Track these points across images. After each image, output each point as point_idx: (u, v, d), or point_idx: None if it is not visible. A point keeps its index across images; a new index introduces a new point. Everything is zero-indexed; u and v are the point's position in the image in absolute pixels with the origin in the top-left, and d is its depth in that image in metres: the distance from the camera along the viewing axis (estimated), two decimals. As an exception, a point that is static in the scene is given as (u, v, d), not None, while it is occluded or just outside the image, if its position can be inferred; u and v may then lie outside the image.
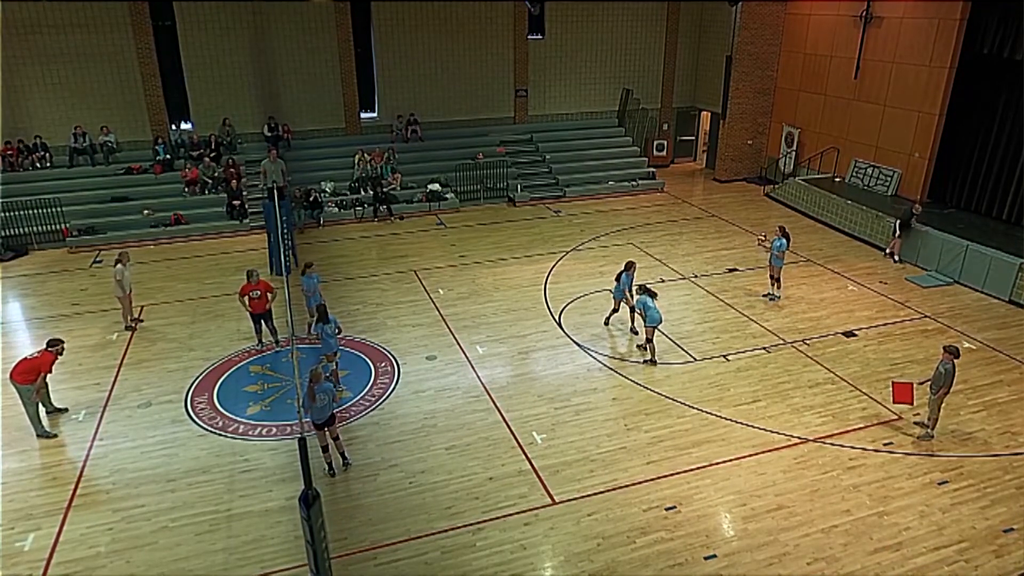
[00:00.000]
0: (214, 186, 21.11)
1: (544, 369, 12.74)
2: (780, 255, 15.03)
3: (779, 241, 15.03)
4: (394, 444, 10.63)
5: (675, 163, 28.04)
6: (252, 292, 12.87)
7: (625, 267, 13.56)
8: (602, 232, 19.94)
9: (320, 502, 6.78)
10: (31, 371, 10.66)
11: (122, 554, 8.56)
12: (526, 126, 25.61)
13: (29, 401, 10.71)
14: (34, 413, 10.78)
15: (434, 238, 19.79)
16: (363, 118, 24.16)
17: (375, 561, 8.44)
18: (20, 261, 18.43)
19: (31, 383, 10.63)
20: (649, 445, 10.52)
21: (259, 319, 13.16)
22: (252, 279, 12.93)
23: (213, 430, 11.01)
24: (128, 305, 14.21)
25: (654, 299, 12.60)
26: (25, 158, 20.66)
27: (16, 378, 10.67)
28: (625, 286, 13.47)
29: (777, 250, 15.00)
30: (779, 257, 15.05)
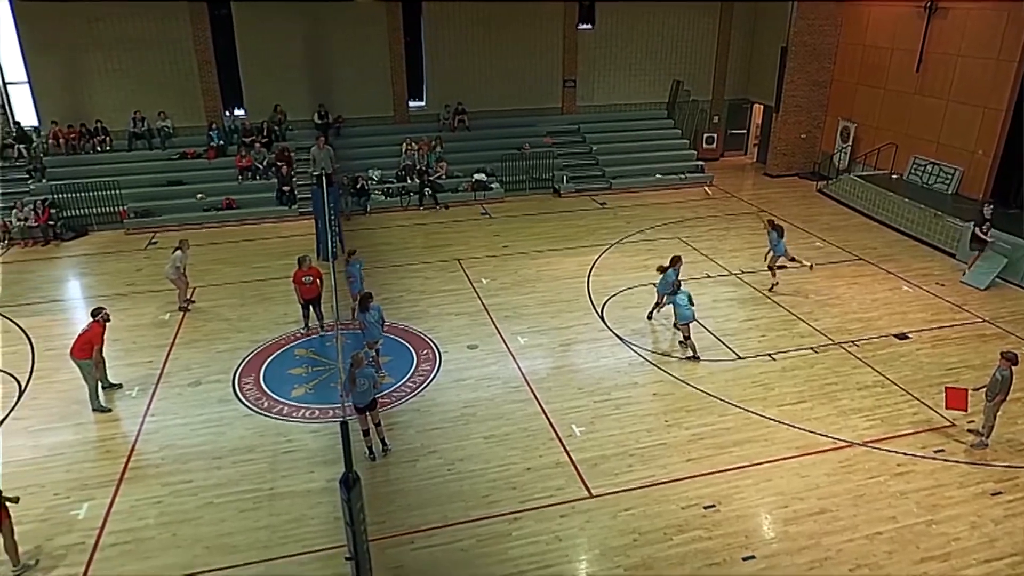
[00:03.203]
0: (264, 172, 21.56)
1: (585, 362, 12.70)
2: (777, 247, 15.19)
3: (771, 234, 15.17)
4: (434, 431, 10.74)
5: (725, 157, 27.53)
6: (304, 278, 13.12)
7: (671, 262, 13.39)
8: (647, 225, 19.73)
9: (360, 485, 6.89)
10: (85, 345, 11.08)
11: (169, 527, 8.86)
12: (574, 117, 25.45)
13: (89, 375, 11.14)
14: (93, 387, 11.21)
15: (478, 228, 19.85)
16: (411, 107, 24.35)
17: (412, 546, 8.56)
18: (80, 241, 19.14)
19: (88, 358, 11.05)
20: (689, 442, 10.41)
21: (308, 304, 13.40)
22: (304, 265, 13.17)
23: (258, 410, 11.29)
24: (183, 287, 14.64)
25: (686, 297, 12.57)
26: (87, 141, 21.42)
27: (75, 354, 11.10)
28: (671, 281, 13.29)
29: (772, 243, 15.17)
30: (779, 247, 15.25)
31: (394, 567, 8.21)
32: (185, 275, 14.60)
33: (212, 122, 22.16)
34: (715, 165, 25.74)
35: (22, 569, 8.16)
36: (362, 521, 7.03)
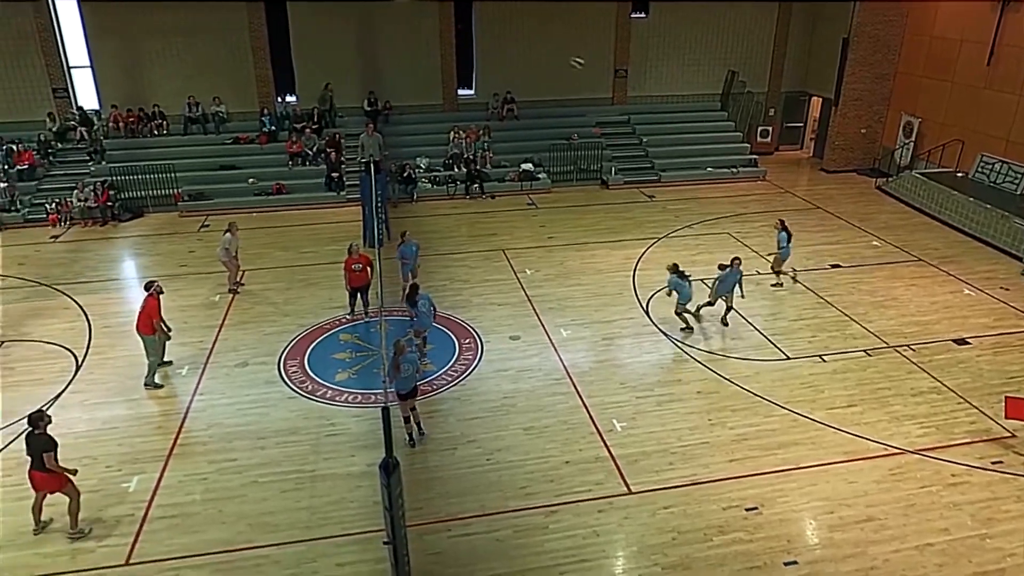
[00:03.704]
0: (314, 158, 21.93)
1: (628, 356, 12.62)
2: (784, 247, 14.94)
3: (780, 234, 14.88)
4: (473, 420, 10.82)
5: (780, 151, 26.92)
6: (354, 265, 13.31)
7: (731, 262, 13.15)
8: (697, 220, 19.45)
9: (399, 471, 7.00)
10: (148, 320, 11.51)
11: (214, 503, 9.14)
12: (624, 107, 25.20)
13: (152, 351, 11.64)
14: (154, 364, 11.70)
15: (524, 218, 19.86)
16: (460, 95, 24.43)
17: (448, 533, 8.67)
18: (136, 222, 19.81)
19: (152, 333, 11.53)
20: (733, 442, 10.26)
21: (356, 292, 13.59)
22: (354, 252, 13.36)
23: (303, 393, 11.54)
24: (233, 270, 15.03)
25: (685, 279, 13.02)
26: (145, 125, 22.11)
27: (140, 329, 11.61)
28: (734, 280, 13.07)
29: (780, 243, 14.92)
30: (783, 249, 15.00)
31: (431, 553, 8.33)
32: (236, 258, 14.98)
33: (264, 108, 22.62)
34: (769, 159, 25.19)
35: (78, 534, 8.54)
36: (401, 506, 7.14)
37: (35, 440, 8.34)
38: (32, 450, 8.36)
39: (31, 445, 8.36)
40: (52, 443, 8.36)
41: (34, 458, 8.38)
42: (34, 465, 8.41)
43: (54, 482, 8.46)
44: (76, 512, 8.60)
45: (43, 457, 8.28)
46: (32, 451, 8.37)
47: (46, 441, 8.33)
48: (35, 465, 8.40)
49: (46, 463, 8.29)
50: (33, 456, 8.38)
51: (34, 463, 8.40)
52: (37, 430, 8.36)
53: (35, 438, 8.35)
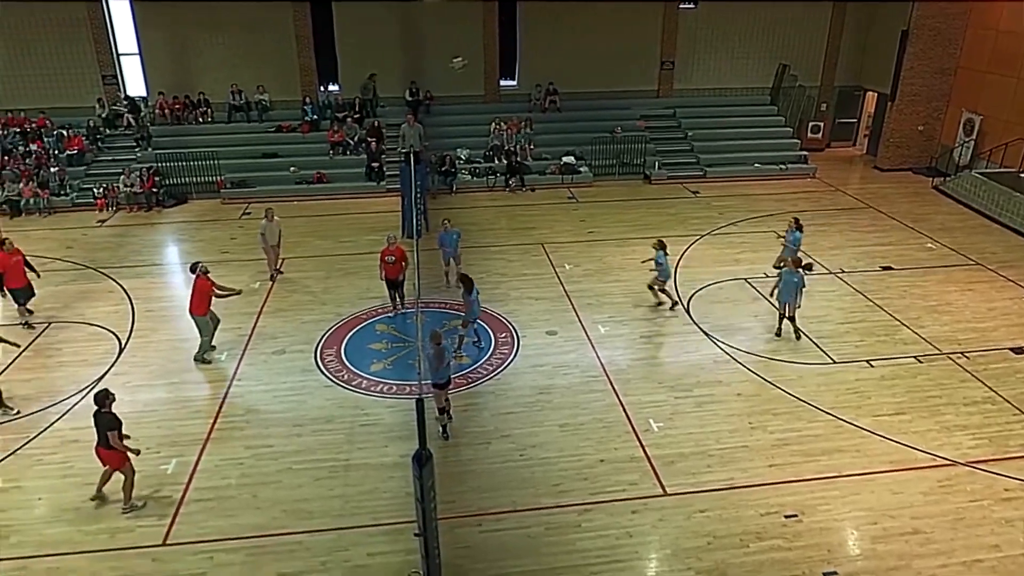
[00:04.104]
0: (355, 147, 22.18)
1: (667, 355, 12.52)
2: (792, 247, 14.50)
3: (794, 234, 14.42)
4: (508, 415, 10.86)
5: (831, 147, 26.35)
6: (388, 257, 13.43)
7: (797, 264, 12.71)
8: (742, 217, 19.16)
9: (432, 463, 7.07)
10: (200, 301, 11.88)
11: (250, 488, 9.36)
12: (670, 100, 24.93)
13: (205, 330, 12.11)
14: (207, 342, 12.17)
15: (564, 212, 19.81)
16: (502, 86, 24.45)
17: (480, 528, 8.72)
18: (180, 208, 20.32)
19: (204, 314, 11.97)
20: (773, 447, 10.11)
21: (390, 284, 13.70)
22: (390, 243, 13.46)
23: (338, 382, 11.72)
24: (270, 257, 15.31)
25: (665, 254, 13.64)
26: (190, 112, 22.64)
27: (193, 311, 12.03)
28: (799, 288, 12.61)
29: (791, 242, 14.44)
30: (792, 249, 14.51)
31: (462, 547, 8.40)
32: (278, 245, 15.22)
33: (307, 97, 22.95)
34: (820, 156, 24.65)
35: (130, 509, 8.93)
36: (432, 499, 7.21)
37: (100, 419, 8.72)
38: (98, 427, 8.74)
39: (97, 423, 8.74)
40: (117, 422, 8.74)
41: (100, 435, 8.74)
42: (99, 442, 8.78)
43: (115, 460, 8.83)
44: (130, 490, 8.95)
45: (107, 435, 8.64)
46: (98, 428, 8.74)
47: (110, 420, 8.71)
48: (100, 442, 8.77)
49: (110, 441, 8.65)
50: (100, 433, 8.74)
51: (99, 440, 8.77)
52: (103, 409, 8.72)
53: (101, 417, 8.72)
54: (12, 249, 13.40)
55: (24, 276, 13.37)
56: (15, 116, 22.02)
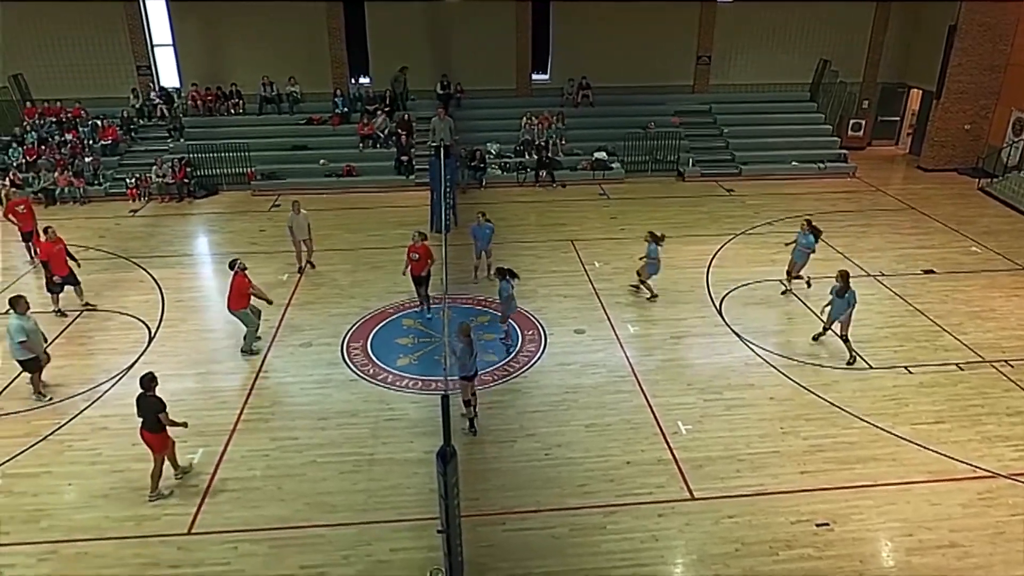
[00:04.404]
0: (385, 141, 22.33)
1: (697, 357, 12.41)
2: (805, 251, 14.02)
3: (807, 237, 13.99)
4: (534, 414, 10.86)
5: (872, 146, 25.88)
6: (412, 254, 13.42)
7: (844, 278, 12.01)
8: (778, 216, 18.91)
9: (456, 460, 7.10)
10: (239, 297, 12.06)
11: (274, 479, 9.49)
12: (705, 96, 24.69)
13: (249, 322, 12.31)
14: (252, 333, 12.38)
15: (595, 208, 19.73)
16: (534, 80, 24.41)
17: (503, 527, 8.74)
18: (210, 200, 20.65)
19: (243, 308, 12.15)
20: (806, 453, 9.98)
21: (415, 281, 13.69)
22: (415, 240, 13.44)
23: (364, 376, 11.83)
24: (299, 250, 15.45)
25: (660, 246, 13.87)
26: (222, 104, 22.98)
27: (231, 306, 12.20)
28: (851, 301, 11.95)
29: (804, 246, 13.98)
30: (802, 254, 14.06)
31: (485, 545, 8.42)
32: (309, 240, 15.32)
33: (338, 89, 23.16)
34: (860, 155, 24.23)
35: (157, 496, 9.13)
36: (456, 496, 7.24)
37: (147, 402, 8.91)
38: (144, 411, 8.93)
39: (142, 407, 8.93)
40: (163, 404, 8.94)
41: (146, 419, 8.94)
42: (145, 426, 8.98)
43: (158, 444, 9.03)
44: (158, 476, 9.15)
45: (157, 417, 8.86)
46: (144, 412, 8.94)
47: (157, 403, 8.91)
48: (146, 426, 8.97)
49: (162, 420, 8.88)
50: (145, 417, 8.94)
51: (145, 423, 8.97)
52: (149, 392, 8.93)
53: (147, 400, 8.92)
54: (55, 237, 13.67)
55: (67, 264, 13.66)
56: (51, 106, 22.57)
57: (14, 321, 10.63)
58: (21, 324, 10.63)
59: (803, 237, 14.08)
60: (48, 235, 13.66)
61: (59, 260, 13.52)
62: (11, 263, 16.21)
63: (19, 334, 10.58)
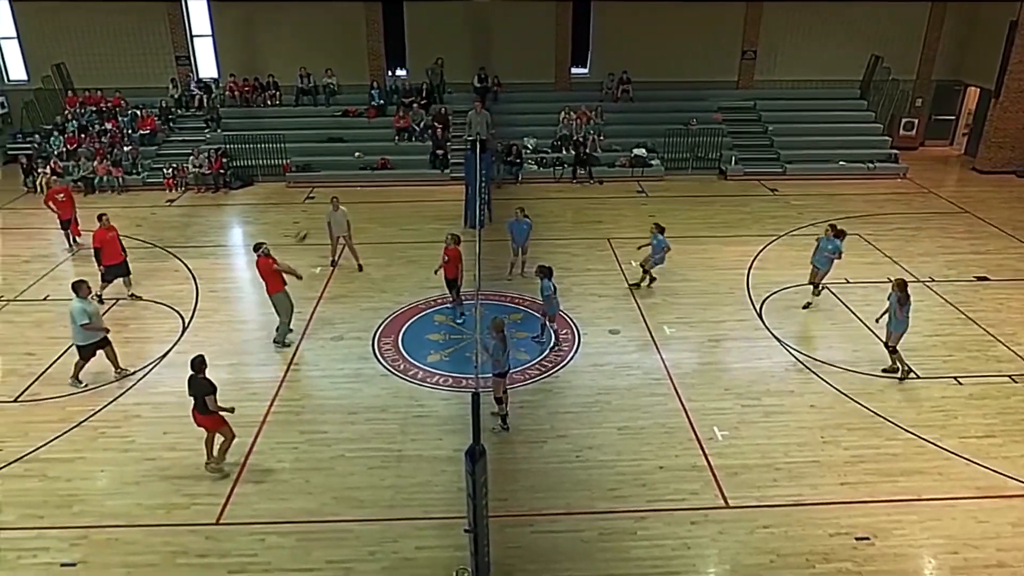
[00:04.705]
0: (421, 134, 22.46)
1: (736, 361, 12.26)
2: (830, 257, 13.46)
3: (832, 242, 13.41)
4: (565, 415, 10.84)
5: (925, 146, 25.29)
6: (444, 255, 13.39)
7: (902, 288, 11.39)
8: (823, 218, 18.52)
9: (486, 459, 7.12)
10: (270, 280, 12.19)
11: (302, 473, 9.62)
12: (750, 92, 24.37)
13: (282, 311, 12.41)
14: (285, 323, 12.52)
15: (633, 206, 19.60)
16: (573, 74, 24.34)
17: (532, 528, 8.75)
18: (246, 191, 21.01)
19: (279, 291, 12.28)
20: (847, 464, 9.79)
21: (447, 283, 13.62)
22: (448, 242, 13.41)
23: (394, 372, 11.92)
24: (335, 245, 15.54)
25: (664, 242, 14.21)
26: (259, 95, 23.34)
27: (269, 291, 12.35)
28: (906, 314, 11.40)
29: (831, 252, 13.40)
30: (825, 260, 13.52)
31: (512, 547, 8.43)
32: (349, 237, 15.38)
33: (374, 81, 23.36)
34: (912, 155, 23.67)
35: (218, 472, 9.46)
36: (484, 496, 7.27)
37: (198, 384, 9.16)
38: (194, 393, 9.19)
39: (193, 388, 9.19)
40: (212, 387, 9.18)
41: (196, 400, 9.20)
42: (196, 407, 9.25)
43: (211, 422, 9.30)
44: (226, 450, 9.48)
45: (205, 400, 9.10)
46: (194, 394, 9.19)
47: (208, 385, 9.16)
48: (197, 407, 9.24)
49: (208, 405, 9.11)
50: (196, 398, 9.19)
51: (196, 405, 9.24)
52: (200, 375, 9.17)
53: (198, 382, 9.16)
54: (108, 225, 13.94)
55: (119, 252, 13.95)
56: (92, 95, 23.16)
57: (77, 304, 10.91)
58: (84, 307, 10.92)
59: (827, 242, 13.51)
60: (103, 222, 13.91)
61: (112, 248, 13.80)
62: (51, 250, 16.69)
63: (82, 316, 10.86)
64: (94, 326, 11.06)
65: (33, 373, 11.76)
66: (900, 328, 11.44)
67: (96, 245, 13.79)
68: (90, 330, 11.04)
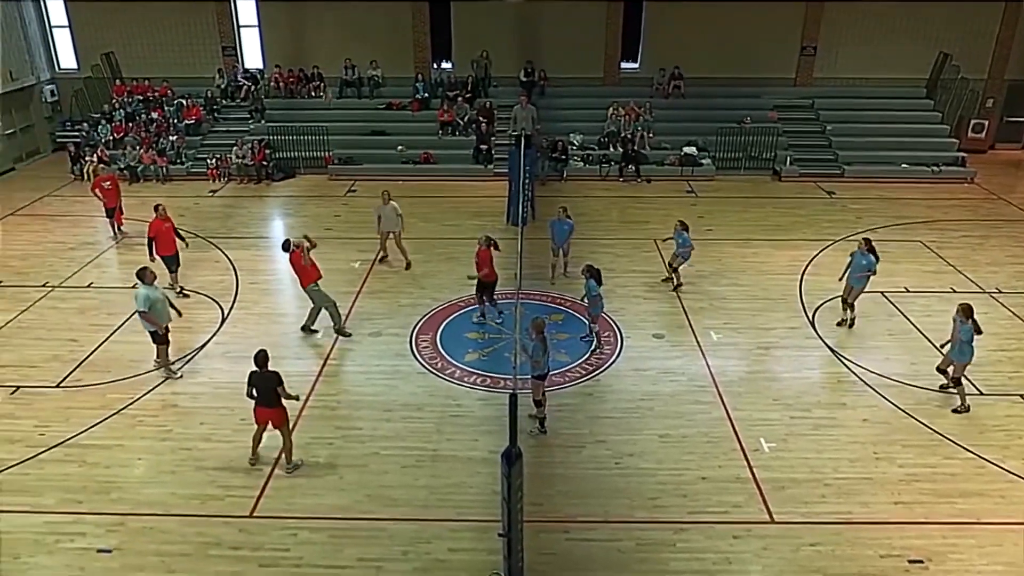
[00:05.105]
0: (465, 128, 22.57)
1: (785, 370, 12.05)
2: (863, 275, 12.80)
3: (866, 257, 12.72)
4: (605, 420, 10.79)
5: (995, 149, 24.49)
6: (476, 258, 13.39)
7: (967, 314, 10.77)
8: (883, 223, 18.14)
9: (522, 462, 7.12)
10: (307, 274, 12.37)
11: (337, 469, 9.75)
12: (808, 90, 23.95)
13: (317, 300, 12.53)
14: (315, 311, 12.69)
15: (681, 207, 19.38)
16: (623, 69, 24.19)
17: (567, 535, 8.72)
18: (287, 183, 21.38)
19: (312, 282, 12.44)
20: (901, 482, 9.55)
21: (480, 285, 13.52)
22: (480, 243, 13.38)
23: (432, 369, 12.01)
24: (384, 240, 15.62)
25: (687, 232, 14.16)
26: (303, 86, 23.73)
27: (303, 284, 12.51)
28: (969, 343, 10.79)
29: (864, 269, 12.74)
30: (860, 278, 12.83)
31: (546, 553, 8.43)
32: (399, 234, 15.52)
33: (419, 74, 23.54)
34: (981, 159, 22.95)
35: (292, 468, 9.61)
36: (519, 500, 7.27)
37: (265, 378, 9.28)
38: (261, 387, 9.29)
39: (259, 383, 9.29)
40: (280, 378, 9.34)
41: (261, 395, 9.32)
42: (261, 402, 9.36)
43: (279, 418, 9.44)
44: (290, 450, 9.60)
45: (276, 392, 9.25)
46: (261, 388, 9.29)
47: (276, 376, 9.32)
48: (262, 402, 9.35)
49: (280, 394, 9.28)
50: (261, 393, 9.31)
51: (261, 399, 9.35)
52: (265, 369, 9.34)
53: (264, 376, 9.30)
54: (165, 215, 14.24)
55: (173, 244, 14.30)
56: (140, 84, 23.82)
57: (141, 291, 11.22)
58: (147, 294, 11.21)
59: (861, 257, 12.80)
60: (159, 213, 14.18)
61: (167, 239, 14.12)
62: (96, 238, 17.22)
63: (143, 303, 11.13)
64: (151, 316, 11.26)
65: (76, 359, 12.15)
66: (963, 358, 10.85)
67: (151, 235, 14.15)
68: (147, 320, 11.26)
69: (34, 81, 23.90)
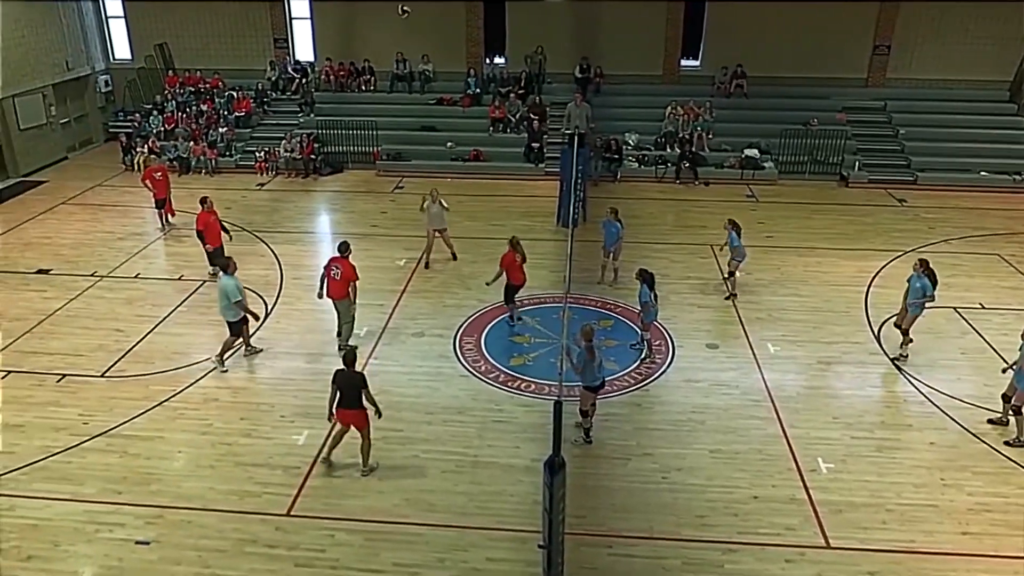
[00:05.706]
0: (516, 125, 22.63)
1: (847, 387, 11.79)
2: (917, 301, 12.07)
3: (921, 279, 12.01)
4: (653, 432, 10.70)
5: (1085, 158, 23.50)
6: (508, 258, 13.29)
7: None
8: (958, 234, 17.60)
9: (565, 472, 7.11)
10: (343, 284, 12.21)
11: (375, 471, 9.84)
12: (880, 91, 23.39)
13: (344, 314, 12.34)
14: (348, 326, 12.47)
15: (740, 211, 19.02)
16: (683, 66, 23.99)
17: (609, 550, 8.67)
18: (335, 177, 21.75)
19: (344, 297, 12.26)
20: (969, 511, 9.24)
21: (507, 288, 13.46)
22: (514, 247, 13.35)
23: (475, 373, 12.07)
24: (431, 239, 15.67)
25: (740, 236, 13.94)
26: (354, 80, 24.12)
27: (332, 294, 12.30)
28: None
29: (919, 293, 12.01)
30: (915, 304, 12.10)
31: (587, 567, 8.39)
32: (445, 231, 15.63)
33: (471, 69, 23.70)
34: (1069, 168, 22.08)
35: (368, 470, 9.74)
36: (561, 511, 7.25)
37: (352, 378, 9.42)
38: (346, 387, 9.39)
39: (346, 382, 9.39)
40: (365, 379, 9.51)
41: (345, 395, 9.42)
42: (344, 403, 9.45)
43: (361, 420, 9.55)
44: (368, 451, 9.70)
45: (359, 393, 9.37)
46: (346, 388, 9.39)
47: (362, 378, 9.49)
48: (345, 403, 9.44)
49: (364, 396, 9.40)
50: (346, 393, 9.41)
51: (343, 401, 9.44)
52: (353, 369, 9.51)
53: (351, 376, 9.44)
54: (211, 208, 14.66)
55: (219, 237, 14.70)
56: (192, 75, 24.50)
57: (230, 282, 11.57)
58: (237, 284, 11.59)
59: (916, 279, 12.18)
60: (206, 206, 14.65)
61: (214, 231, 14.56)
62: (144, 228, 17.78)
63: (236, 294, 11.51)
64: (244, 305, 11.65)
65: (121, 349, 12.55)
66: None
67: (200, 228, 14.57)
68: (240, 308, 11.63)
69: (89, 71, 24.79)
